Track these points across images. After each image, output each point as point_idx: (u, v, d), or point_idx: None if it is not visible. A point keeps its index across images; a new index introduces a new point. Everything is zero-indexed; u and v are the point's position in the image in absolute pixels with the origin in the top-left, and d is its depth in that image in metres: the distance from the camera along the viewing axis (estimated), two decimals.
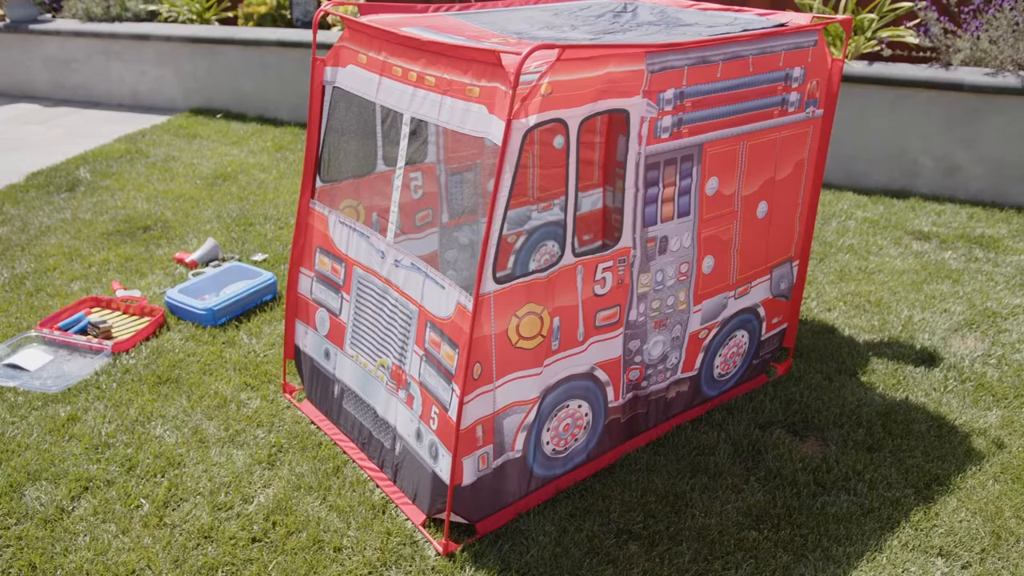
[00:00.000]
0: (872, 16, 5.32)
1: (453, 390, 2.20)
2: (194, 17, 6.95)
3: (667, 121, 2.31)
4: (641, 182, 2.33)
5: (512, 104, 1.94)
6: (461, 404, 2.15)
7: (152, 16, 7.09)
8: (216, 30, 6.59)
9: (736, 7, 2.96)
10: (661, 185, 2.38)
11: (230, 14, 7.14)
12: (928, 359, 3.27)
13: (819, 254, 4.18)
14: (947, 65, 5.04)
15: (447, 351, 2.23)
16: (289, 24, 6.79)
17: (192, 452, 2.74)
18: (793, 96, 2.64)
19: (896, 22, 5.40)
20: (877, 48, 5.23)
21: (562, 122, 2.09)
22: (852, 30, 5.33)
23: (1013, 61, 4.83)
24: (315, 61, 2.67)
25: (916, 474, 2.65)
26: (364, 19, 2.64)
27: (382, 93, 2.43)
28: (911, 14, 5.33)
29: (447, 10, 2.86)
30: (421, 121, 2.30)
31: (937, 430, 2.86)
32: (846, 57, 5.12)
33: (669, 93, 2.28)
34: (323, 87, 2.69)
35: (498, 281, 2.12)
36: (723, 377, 2.91)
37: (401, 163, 2.40)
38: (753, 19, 2.77)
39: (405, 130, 2.36)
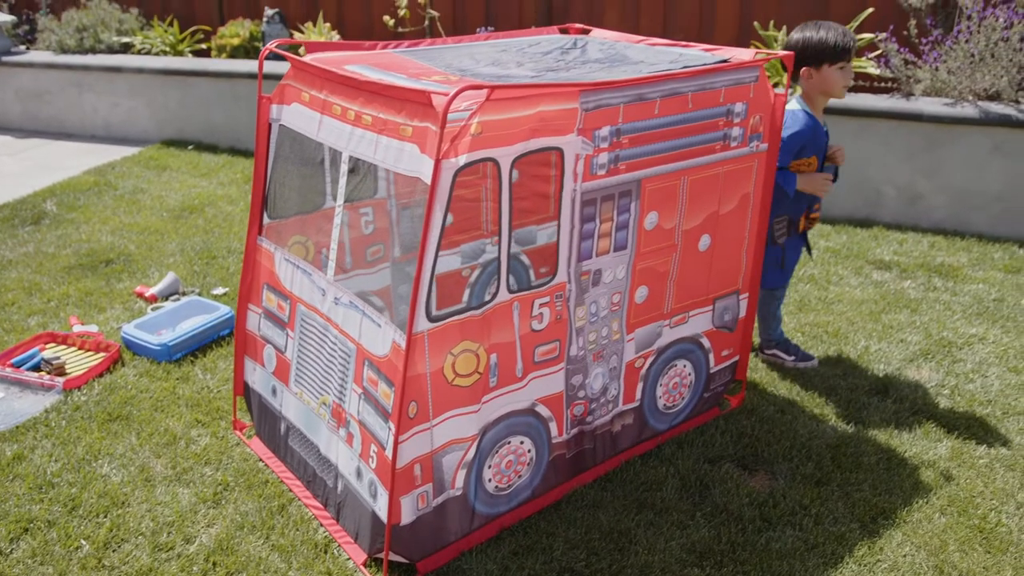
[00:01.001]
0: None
1: (389, 429, 2.19)
2: (167, 49, 6.98)
3: (603, 158, 2.33)
4: (577, 218, 2.34)
5: (440, 144, 1.96)
6: (396, 443, 2.14)
7: (126, 48, 7.12)
8: (188, 62, 6.62)
9: (683, 43, 3.00)
10: (598, 220, 2.40)
11: (203, 46, 7.18)
12: (882, 390, 3.28)
13: None
14: (908, 96, 5.11)
15: (384, 389, 2.23)
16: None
17: (137, 491, 2.71)
18: (735, 131, 2.67)
19: (858, 53, 5.47)
20: None
21: (494, 161, 2.10)
22: None
23: (971, 91, 4.89)
24: (261, 99, 2.69)
25: (863, 508, 2.64)
26: (310, 56, 2.67)
27: (323, 131, 2.44)
28: (872, 45, 5.40)
29: (396, 47, 2.89)
30: (359, 159, 2.31)
31: (886, 463, 2.86)
32: (790, 90, 5.19)
33: (605, 130, 2.30)
34: (269, 124, 2.71)
35: (432, 319, 2.12)
36: (670, 409, 2.91)
37: (340, 201, 2.41)
38: (698, 55, 2.81)
39: (344, 168, 2.37)
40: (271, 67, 6.28)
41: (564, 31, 3.36)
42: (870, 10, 5.50)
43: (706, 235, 2.74)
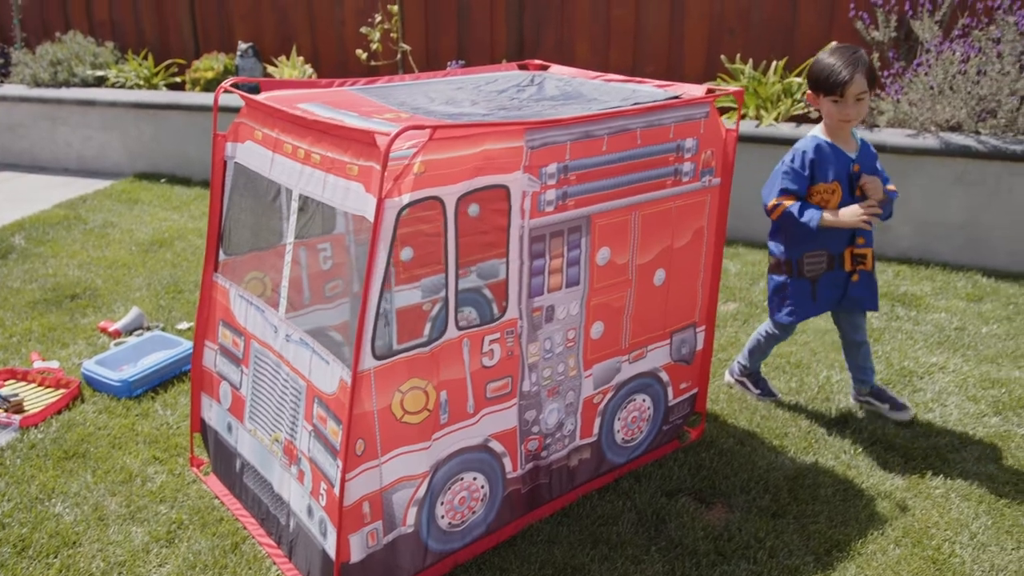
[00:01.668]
0: (799, 80, 5.47)
1: (338, 466, 2.19)
2: (142, 82, 7.01)
3: (551, 195, 2.36)
4: (526, 255, 2.36)
5: (382, 183, 1.98)
6: (343, 481, 2.14)
7: (100, 82, 7.13)
8: (162, 95, 6.65)
9: (637, 80, 3.04)
10: (548, 257, 2.42)
11: (178, 79, 7.21)
12: (842, 421, 3.30)
13: (744, 315, 4.23)
14: (872, 127, 5.18)
15: (333, 427, 2.23)
16: (245, 88, 6.86)
17: (90, 530, 2.69)
18: (687, 166, 2.70)
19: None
20: (805, 110, 5.37)
21: (438, 199, 2.12)
22: (784, 93, 5.48)
23: (933, 123, 4.98)
24: (216, 137, 2.71)
25: (818, 540, 2.65)
26: (265, 95, 2.69)
27: (275, 169, 2.46)
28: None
29: (352, 84, 2.92)
30: (309, 198, 2.32)
31: (843, 494, 2.88)
32: (759, 120, 5.26)
33: (552, 167, 2.33)
34: (224, 162, 2.72)
35: (378, 357, 2.13)
36: (629, 443, 2.92)
37: (291, 239, 2.42)
38: (651, 92, 2.85)
39: (294, 206, 2.38)
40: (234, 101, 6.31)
41: (523, 67, 3.40)
42: (834, 43, 5.59)
43: (660, 269, 2.76)
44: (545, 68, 3.38)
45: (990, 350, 3.87)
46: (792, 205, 3.00)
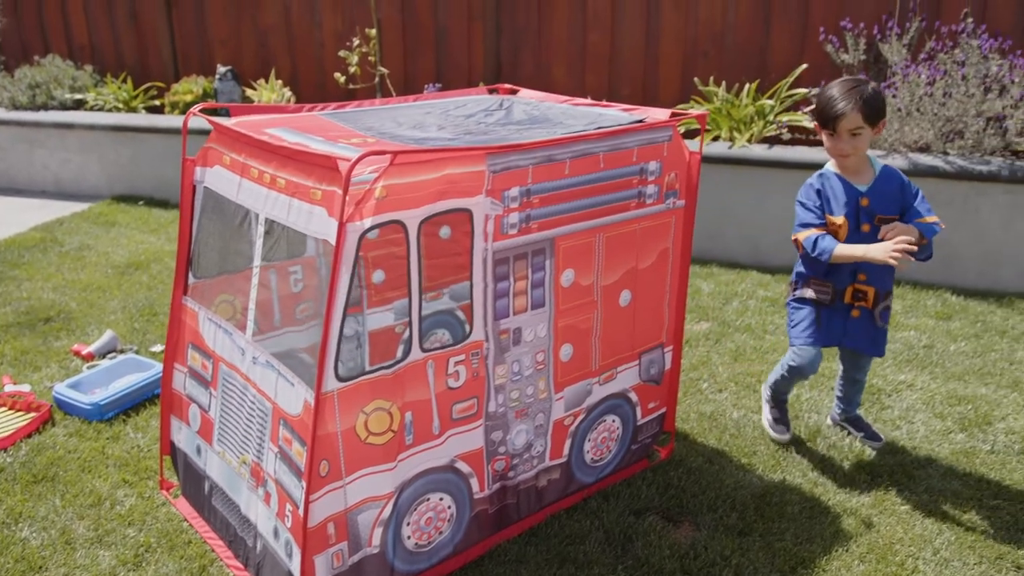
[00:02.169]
0: (771, 102, 5.55)
1: (303, 487, 2.20)
2: (121, 105, 7.03)
3: (514, 218, 2.39)
4: (490, 277, 2.39)
5: (343, 207, 2.01)
6: (307, 502, 2.15)
7: (79, 105, 7.15)
8: (140, 118, 6.67)
9: (603, 104, 3.09)
10: (512, 279, 2.45)
11: (157, 102, 7.24)
12: (811, 438, 3.34)
13: (717, 334, 4.27)
14: None
15: (297, 448, 2.24)
16: (215, 113, 6.89)
17: (56, 555, 2.68)
18: (651, 189, 2.75)
19: (795, 107, 5.64)
20: (777, 132, 5.45)
21: (400, 223, 2.15)
22: (757, 115, 5.56)
23: (902, 143, 5.06)
24: (185, 161, 2.73)
25: (783, 557, 2.68)
26: (233, 120, 2.72)
27: (242, 194, 2.49)
28: (807, 100, 5.57)
29: (321, 110, 2.95)
30: (274, 222, 2.35)
31: (809, 511, 2.91)
32: (732, 141, 5.34)
33: (514, 191, 2.37)
34: (194, 186, 2.75)
35: (341, 379, 2.15)
36: (598, 463, 2.94)
37: (257, 262, 2.44)
38: (616, 115, 2.90)
39: (260, 230, 2.41)
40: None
41: (493, 91, 3.45)
42: (804, 65, 5.69)
43: (626, 291, 2.80)
44: (515, 92, 3.43)
45: (957, 367, 3.93)
46: (808, 238, 2.93)
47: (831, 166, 3.01)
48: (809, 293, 3.06)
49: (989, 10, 5.33)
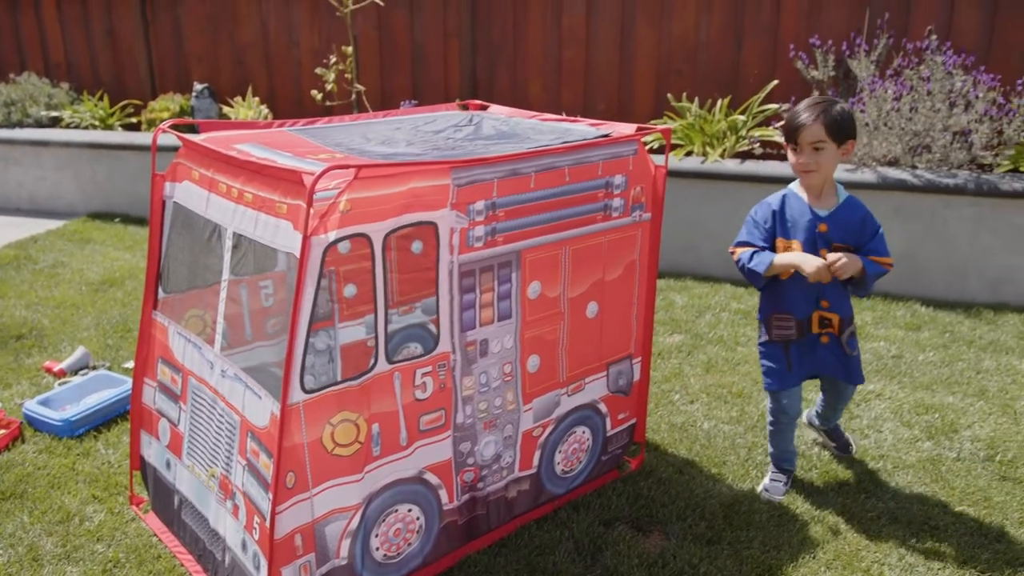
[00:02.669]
0: (743, 118, 5.63)
1: (270, 499, 2.21)
2: (97, 123, 7.02)
3: (479, 231, 2.42)
4: (456, 289, 2.42)
5: (307, 221, 2.03)
6: (274, 514, 2.16)
7: (55, 122, 7.14)
8: (115, 136, 6.67)
9: (571, 119, 3.13)
10: (478, 291, 2.47)
11: (134, 120, 7.24)
12: None
13: (689, 346, 4.31)
14: None
15: (264, 460, 2.25)
16: (191, 130, 6.90)
17: (23, 572, 2.67)
18: (616, 202, 2.79)
19: (766, 122, 5.72)
20: (749, 147, 5.52)
21: (365, 236, 2.18)
22: (729, 130, 5.63)
23: (871, 158, 5.14)
24: (155, 177, 2.75)
25: (751, 565, 2.70)
26: (202, 136, 2.74)
27: (211, 208, 2.50)
28: (778, 115, 5.65)
29: (292, 125, 2.98)
30: (242, 236, 2.37)
31: (777, 520, 2.94)
32: (705, 156, 5.41)
33: (479, 204, 2.40)
34: (164, 201, 2.76)
35: (307, 391, 2.17)
36: (568, 474, 2.96)
37: (225, 276, 2.46)
38: (583, 130, 2.94)
39: (228, 244, 2.43)
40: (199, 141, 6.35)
41: (464, 107, 3.49)
42: (775, 82, 5.78)
43: (593, 302, 2.83)
44: (485, 108, 3.47)
45: (926, 377, 3.98)
46: (744, 253, 2.92)
47: (795, 186, 2.94)
48: (773, 334, 3.00)
49: (954, 28, 5.44)
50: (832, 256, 2.80)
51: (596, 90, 6.41)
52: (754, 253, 2.90)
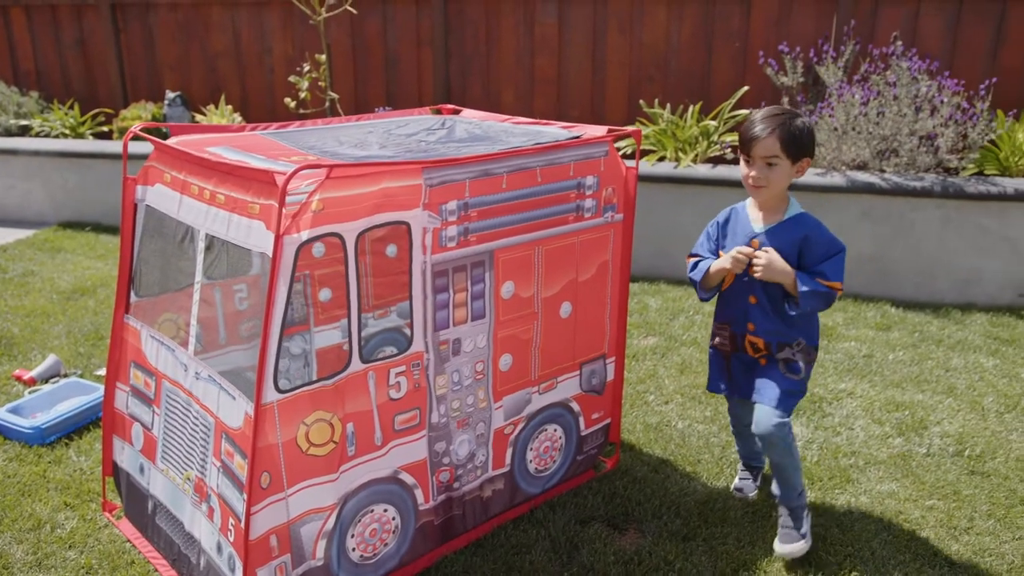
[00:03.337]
0: (714, 123, 5.70)
1: (244, 500, 2.20)
2: (67, 132, 6.96)
3: (452, 231, 2.44)
4: (429, 289, 2.43)
5: (279, 220, 2.04)
6: (248, 515, 2.15)
7: (24, 131, 7.07)
8: (87, 144, 6.61)
9: (543, 122, 3.16)
10: (451, 291, 2.49)
11: (105, 128, 7.19)
12: None
13: (664, 348, 4.35)
14: None
15: (239, 461, 2.24)
16: (164, 138, 6.86)
17: None
18: (588, 203, 2.81)
19: (737, 128, 5.79)
20: (721, 152, 5.58)
21: (338, 236, 2.19)
22: (701, 135, 5.69)
23: (840, 162, 5.22)
24: (126, 180, 2.74)
25: (725, 560, 2.73)
26: (174, 139, 2.73)
27: (183, 211, 2.50)
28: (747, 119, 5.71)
29: (264, 129, 2.98)
30: (214, 237, 2.37)
31: (752, 516, 2.96)
32: (677, 161, 5.47)
33: (452, 204, 2.41)
34: (135, 205, 2.75)
35: (280, 390, 2.17)
36: (542, 473, 2.97)
37: (198, 278, 2.46)
38: (555, 132, 2.97)
39: (200, 246, 2.42)
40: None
41: (436, 112, 3.51)
42: (745, 88, 5.85)
43: (566, 302, 2.85)
44: (457, 112, 3.49)
45: (896, 375, 4.04)
46: (690, 262, 2.86)
47: (749, 200, 2.80)
48: (714, 341, 2.93)
49: (918, 34, 5.55)
50: (752, 251, 2.66)
51: (569, 97, 6.45)
52: (697, 263, 2.83)
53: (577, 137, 2.84)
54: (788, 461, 2.75)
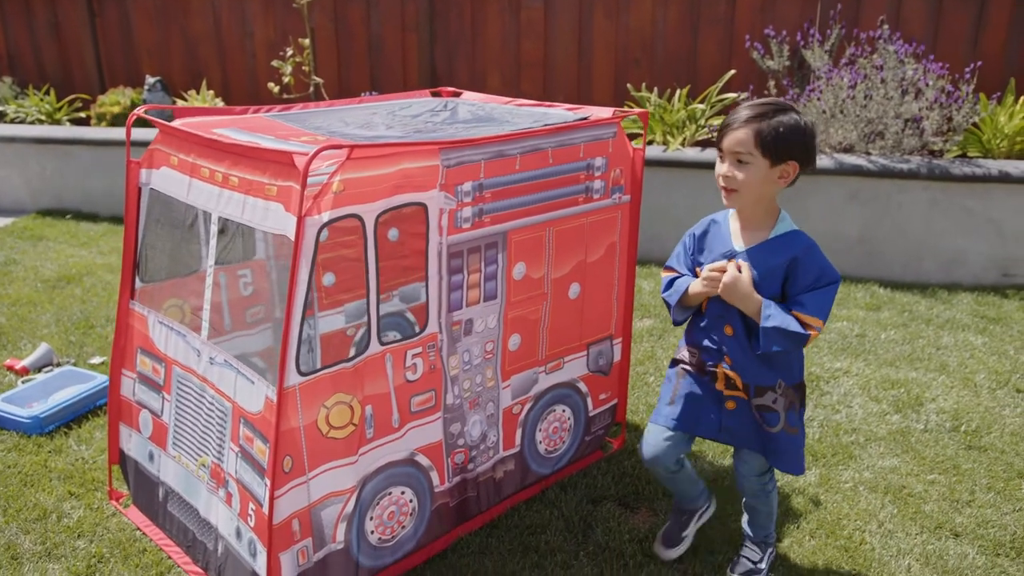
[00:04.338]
0: (702, 107, 5.72)
1: (266, 485, 2.18)
2: (44, 118, 6.83)
3: (467, 212, 2.43)
4: (445, 270, 2.42)
5: (302, 202, 2.01)
6: (272, 499, 2.14)
7: None
8: (64, 130, 6.49)
9: (547, 104, 3.15)
10: (466, 272, 2.48)
11: (83, 114, 7.06)
12: None
13: (660, 330, 4.37)
14: None
15: (259, 446, 2.23)
16: (144, 124, 6.74)
17: (2, 571, 2.59)
18: (597, 184, 2.82)
19: (725, 112, 5.82)
20: (709, 135, 5.61)
21: (358, 217, 2.17)
22: (688, 119, 5.71)
23: (827, 144, 5.26)
24: (130, 163, 2.69)
25: (738, 536, 2.75)
26: (179, 121, 2.69)
27: (192, 194, 2.46)
28: (735, 104, 5.74)
29: (267, 111, 2.94)
30: (228, 220, 2.34)
31: None
32: (666, 145, 5.49)
33: (467, 185, 2.40)
34: (139, 189, 2.71)
35: (302, 373, 2.15)
36: (552, 454, 2.99)
37: (211, 262, 2.43)
38: (561, 114, 2.96)
39: (213, 229, 2.39)
40: (142, 134, 6.22)
41: (436, 94, 3.48)
42: (732, 71, 5.88)
43: (575, 283, 2.85)
44: (458, 95, 3.47)
45: (889, 354, 4.10)
46: (665, 278, 2.48)
47: (733, 209, 2.38)
48: (678, 354, 2.51)
49: (902, 18, 5.61)
50: (721, 266, 2.28)
51: (555, 81, 6.44)
52: (674, 280, 2.44)
53: (585, 118, 2.84)
54: (763, 508, 2.54)
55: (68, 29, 7.38)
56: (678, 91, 5.90)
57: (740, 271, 2.24)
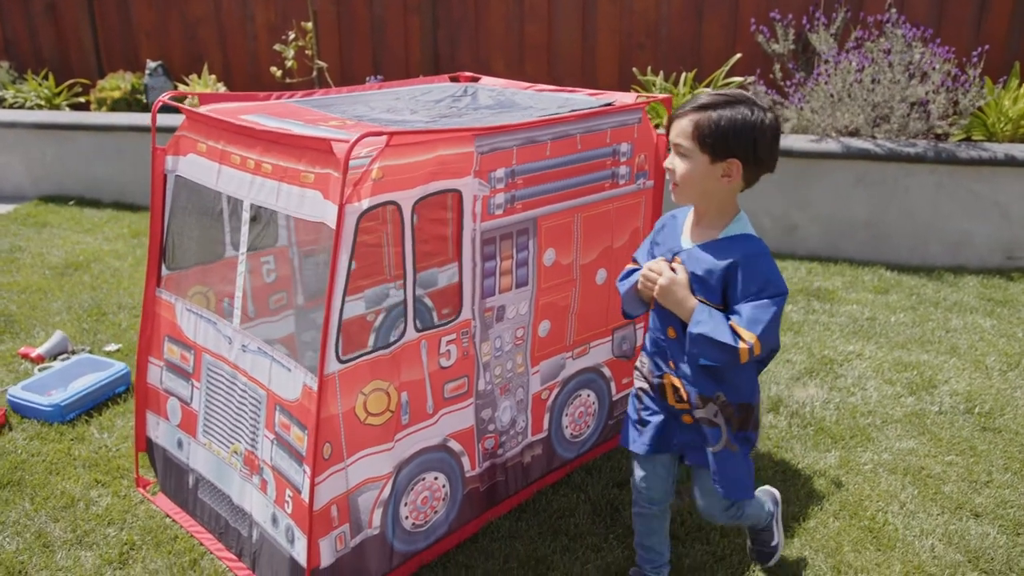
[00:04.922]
0: (708, 91, 5.71)
1: (304, 472, 2.19)
2: (43, 103, 6.77)
3: (500, 198, 2.43)
4: (478, 256, 2.43)
5: (343, 189, 2.01)
6: (313, 485, 2.15)
7: None
8: (66, 116, 6.44)
9: (568, 89, 3.15)
10: (499, 258, 2.49)
11: (82, 99, 7.00)
12: (773, 407, 3.47)
13: None
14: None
15: (296, 433, 2.23)
16: (145, 109, 6.70)
17: (35, 558, 2.60)
18: (623, 169, 2.82)
19: None
20: None
21: (396, 204, 2.17)
22: None
23: (834, 128, 5.28)
24: (155, 150, 2.68)
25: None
26: (205, 108, 2.68)
27: (222, 181, 2.46)
28: (742, 88, 5.75)
29: (290, 97, 2.93)
30: (261, 207, 2.33)
31: (782, 475, 3.03)
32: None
33: (500, 172, 2.40)
34: (165, 176, 2.70)
35: (341, 361, 2.15)
36: (577, 438, 3.01)
37: (244, 249, 2.42)
38: (584, 100, 2.96)
39: (246, 216, 2.39)
40: (142, 119, 6.17)
41: (455, 79, 3.47)
42: (738, 55, 5.88)
43: (602, 269, 2.87)
44: (476, 80, 3.46)
45: (900, 337, 4.14)
46: (626, 268, 2.36)
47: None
48: (635, 376, 2.37)
49: (907, 2, 5.61)
50: (658, 267, 2.13)
51: (559, 65, 6.42)
52: (633, 272, 2.30)
53: (610, 104, 2.84)
54: (747, 522, 2.45)
55: (65, 12, 7.30)
56: (684, 75, 5.89)
57: (676, 272, 2.10)
